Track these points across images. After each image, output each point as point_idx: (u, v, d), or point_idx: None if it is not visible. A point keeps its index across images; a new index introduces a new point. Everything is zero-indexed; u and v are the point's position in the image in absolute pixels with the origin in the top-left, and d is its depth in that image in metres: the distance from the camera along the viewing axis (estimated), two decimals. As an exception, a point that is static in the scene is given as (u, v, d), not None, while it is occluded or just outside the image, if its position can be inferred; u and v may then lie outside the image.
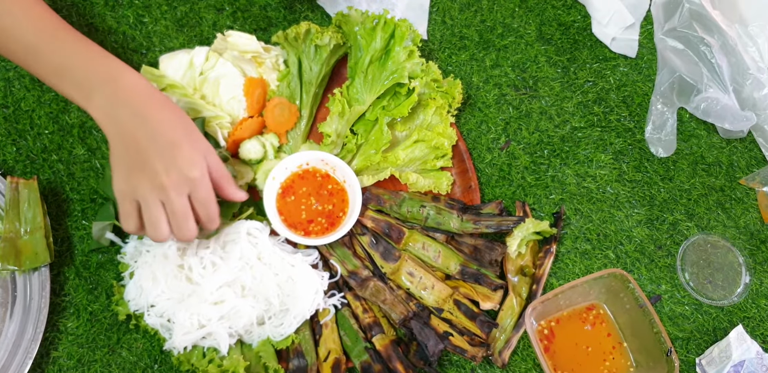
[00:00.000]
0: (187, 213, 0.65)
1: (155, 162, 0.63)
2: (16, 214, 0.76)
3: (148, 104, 0.65)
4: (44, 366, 0.76)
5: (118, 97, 0.65)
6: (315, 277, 0.77)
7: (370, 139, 0.86)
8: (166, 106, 0.66)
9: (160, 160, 0.63)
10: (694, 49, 0.92)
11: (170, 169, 0.63)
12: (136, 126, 0.64)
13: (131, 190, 0.64)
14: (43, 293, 0.75)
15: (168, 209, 0.64)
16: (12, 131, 0.84)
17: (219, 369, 0.72)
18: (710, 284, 0.89)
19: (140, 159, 0.64)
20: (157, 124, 0.64)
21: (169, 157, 0.63)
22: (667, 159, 0.93)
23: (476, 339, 0.80)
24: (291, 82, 0.86)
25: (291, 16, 0.93)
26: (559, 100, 0.94)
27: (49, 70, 0.67)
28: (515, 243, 0.82)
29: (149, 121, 0.64)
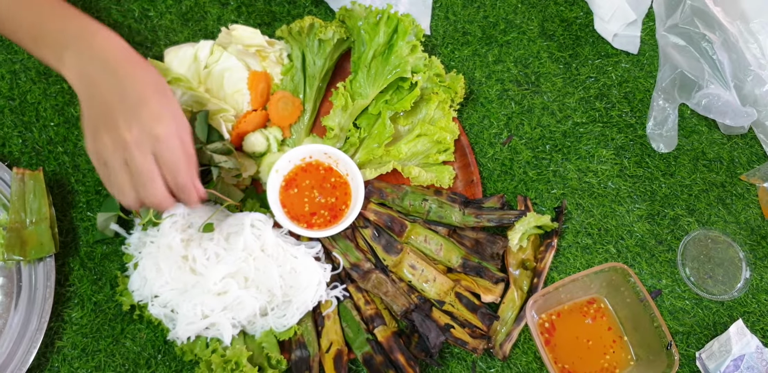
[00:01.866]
0: (150, 173, 0.61)
1: (119, 117, 0.60)
2: (22, 205, 0.77)
3: (120, 60, 0.63)
4: (49, 355, 0.77)
5: (89, 53, 0.63)
6: (317, 268, 0.78)
7: (372, 133, 0.86)
8: (138, 64, 0.64)
9: (124, 116, 0.60)
10: (695, 45, 0.92)
11: (132, 124, 0.60)
12: (104, 81, 0.62)
13: (98, 150, 0.61)
14: (48, 283, 0.75)
15: (131, 168, 0.61)
16: (18, 123, 0.84)
17: (222, 359, 0.73)
18: (711, 278, 0.89)
19: (107, 116, 0.61)
20: (126, 80, 0.61)
21: (134, 112, 0.60)
22: (668, 155, 0.94)
23: (477, 332, 0.80)
24: (295, 76, 0.87)
25: (295, 11, 0.93)
26: (561, 95, 0.95)
27: (24, 34, 0.66)
28: (517, 237, 0.83)
29: (119, 76, 0.62)
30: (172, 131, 0.61)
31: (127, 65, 0.63)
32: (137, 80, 0.62)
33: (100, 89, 0.62)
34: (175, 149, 0.61)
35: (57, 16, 0.65)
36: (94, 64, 0.62)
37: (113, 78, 0.62)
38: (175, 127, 0.62)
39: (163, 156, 0.61)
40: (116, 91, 0.61)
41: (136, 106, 0.61)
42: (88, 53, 0.63)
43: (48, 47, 0.65)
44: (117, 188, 0.62)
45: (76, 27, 0.64)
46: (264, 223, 0.78)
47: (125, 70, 0.62)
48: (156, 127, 0.60)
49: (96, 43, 0.63)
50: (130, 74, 0.62)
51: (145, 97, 0.61)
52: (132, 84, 0.61)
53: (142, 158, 0.60)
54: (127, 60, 0.63)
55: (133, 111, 0.60)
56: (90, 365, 0.77)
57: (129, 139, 0.60)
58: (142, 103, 0.61)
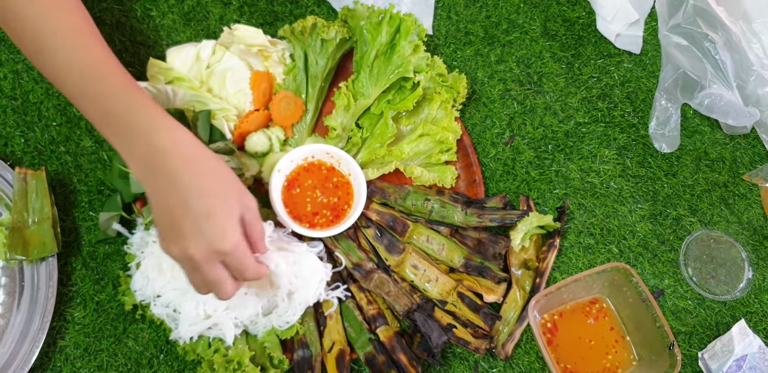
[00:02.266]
0: (219, 281, 0.62)
1: (187, 232, 0.59)
2: (24, 204, 0.77)
3: (185, 166, 0.60)
4: (51, 355, 0.77)
5: (155, 158, 0.60)
6: (319, 265, 0.78)
7: (375, 133, 0.86)
8: (205, 167, 0.61)
9: (191, 231, 0.59)
10: (698, 45, 0.92)
11: (199, 240, 0.59)
12: (171, 192, 0.59)
13: (167, 251, 0.61)
14: (51, 282, 0.75)
15: (201, 275, 0.62)
16: (20, 123, 0.84)
17: (224, 359, 0.73)
18: (713, 278, 0.89)
19: (173, 224, 0.60)
20: (191, 190, 0.59)
21: (201, 228, 0.59)
22: (670, 155, 0.94)
23: (479, 331, 0.80)
24: (297, 76, 0.87)
25: (297, 11, 0.93)
26: (564, 95, 0.95)
27: (95, 117, 0.64)
28: (519, 237, 0.83)
29: (184, 187, 0.59)
30: (238, 240, 0.61)
31: (194, 171, 0.60)
32: (203, 191, 0.60)
33: (165, 197, 0.60)
34: (240, 257, 0.62)
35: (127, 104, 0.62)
36: (159, 169, 0.60)
37: (178, 188, 0.59)
38: (240, 232, 0.61)
39: (230, 264, 0.62)
40: (181, 203, 0.59)
41: (201, 222, 0.59)
42: (154, 156, 0.60)
43: (116, 139, 0.63)
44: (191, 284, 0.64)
45: (145, 121, 0.61)
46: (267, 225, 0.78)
47: (192, 178, 0.60)
48: (222, 244, 0.59)
49: (163, 144, 0.60)
50: (195, 184, 0.60)
51: (210, 211, 0.59)
52: (198, 197, 0.59)
53: (210, 271, 0.61)
54: (194, 164, 0.61)
55: (199, 228, 0.59)
56: (92, 365, 0.77)
57: (197, 258, 0.60)
58: (207, 219, 0.59)
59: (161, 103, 0.80)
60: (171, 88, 0.80)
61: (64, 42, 0.64)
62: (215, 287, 0.63)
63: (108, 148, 0.85)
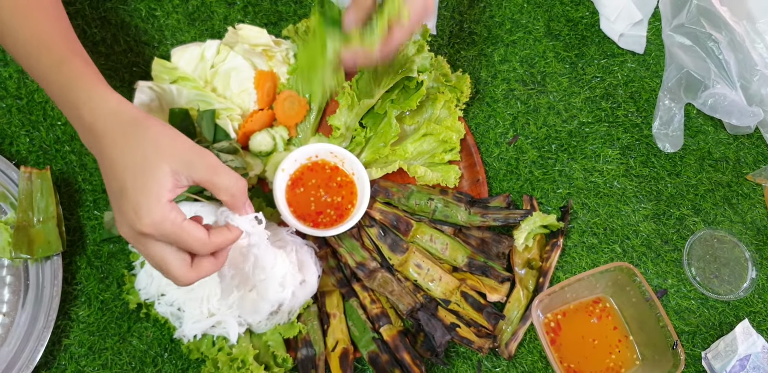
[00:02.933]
0: (159, 261, 0.57)
1: (115, 210, 0.57)
2: (29, 203, 0.77)
3: (106, 142, 0.57)
4: (56, 353, 0.77)
5: (86, 134, 0.59)
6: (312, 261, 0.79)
7: (378, 133, 0.86)
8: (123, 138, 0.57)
9: (116, 211, 0.57)
10: (701, 45, 0.92)
11: (121, 221, 0.56)
12: (102, 169, 0.59)
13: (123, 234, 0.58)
14: (55, 281, 0.76)
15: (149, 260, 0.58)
16: (25, 122, 0.85)
17: (228, 357, 0.73)
18: (716, 278, 0.89)
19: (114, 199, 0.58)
20: (109, 168, 0.57)
21: (120, 208, 0.56)
22: (674, 154, 0.94)
23: (483, 331, 0.80)
24: (301, 76, 0.87)
25: (301, 11, 0.93)
26: (567, 95, 0.95)
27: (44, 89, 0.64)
28: (522, 236, 0.83)
29: (104, 164, 0.58)
30: (157, 217, 0.55)
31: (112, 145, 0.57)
32: (119, 166, 0.57)
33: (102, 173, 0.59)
34: (173, 234, 0.56)
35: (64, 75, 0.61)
36: (90, 144, 0.60)
37: (103, 163, 0.58)
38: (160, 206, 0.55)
39: (168, 239, 0.56)
40: (106, 180, 0.58)
41: (119, 201, 0.56)
42: (83, 130, 0.59)
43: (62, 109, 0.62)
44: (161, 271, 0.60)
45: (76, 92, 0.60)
46: None
47: (110, 153, 0.57)
48: (140, 224, 0.55)
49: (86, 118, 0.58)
50: (113, 160, 0.57)
51: (123, 188, 0.56)
52: (114, 173, 0.57)
53: (146, 251, 0.57)
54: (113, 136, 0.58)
55: (119, 208, 0.56)
56: (97, 363, 0.77)
57: (128, 236, 0.57)
58: (121, 197, 0.56)
59: (166, 103, 0.81)
60: (175, 88, 0.81)
61: (11, 15, 0.64)
62: (163, 271, 0.58)
63: (112, 148, 0.85)
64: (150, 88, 0.80)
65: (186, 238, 0.56)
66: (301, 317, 0.79)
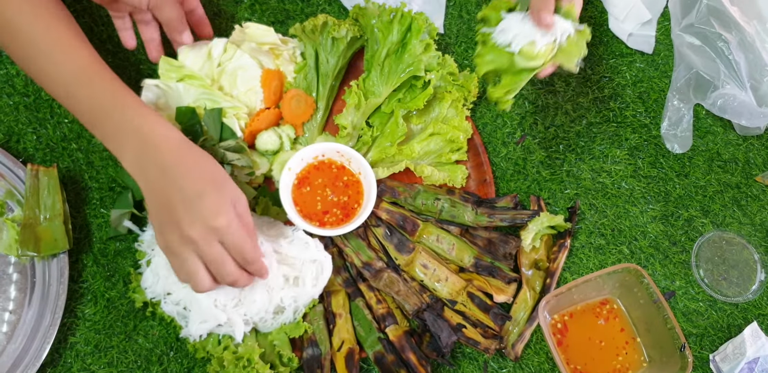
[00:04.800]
0: (221, 259, 0.65)
1: (181, 215, 0.63)
2: (36, 201, 0.77)
3: (175, 157, 0.65)
4: (62, 351, 0.77)
5: (147, 152, 0.65)
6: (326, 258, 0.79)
7: (385, 132, 0.86)
8: (194, 158, 0.66)
9: (186, 213, 0.63)
10: (711, 45, 0.91)
11: (195, 220, 0.62)
12: (163, 181, 0.64)
13: (167, 244, 0.64)
14: (62, 279, 0.76)
15: (203, 258, 0.64)
16: (33, 120, 0.85)
17: (234, 356, 0.73)
18: (725, 280, 0.88)
19: (170, 213, 0.63)
20: (182, 177, 0.64)
21: (195, 208, 0.63)
22: (682, 155, 0.93)
23: (489, 332, 0.80)
24: (308, 75, 0.87)
25: (308, 9, 0.93)
26: (575, 95, 0.94)
27: (85, 117, 0.68)
28: (529, 237, 0.83)
29: (175, 174, 0.64)
30: (232, 218, 0.64)
31: (182, 162, 0.65)
32: (194, 176, 0.64)
33: (160, 187, 0.64)
34: (237, 234, 0.64)
35: (115, 104, 0.67)
36: (151, 165, 0.65)
37: (171, 178, 0.64)
38: (234, 212, 0.64)
39: (227, 241, 0.64)
40: (175, 189, 0.63)
41: (194, 202, 0.63)
42: (143, 152, 0.65)
43: (106, 136, 0.67)
44: (191, 274, 0.65)
45: (135, 119, 0.66)
46: None
47: (180, 168, 0.64)
48: (216, 220, 0.63)
49: (154, 139, 0.65)
50: (185, 171, 0.64)
51: (202, 192, 0.63)
52: (189, 181, 0.63)
53: (210, 249, 0.64)
54: (182, 156, 0.65)
55: (193, 208, 0.63)
56: (102, 362, 0.77)
57: (195, 236, 0.63)
58: (199, 199, 0.63)
59: (173, 101, 0.81)
60: (182, 86, 0.80)
61: (53, 48, 0.68)
62: (220, 269, 0.65)
63: (119, 146, 0.85)
64: (157, 87, 0.80)
65: (247, 242, 0.65)
66: (307, 316, 0.79)
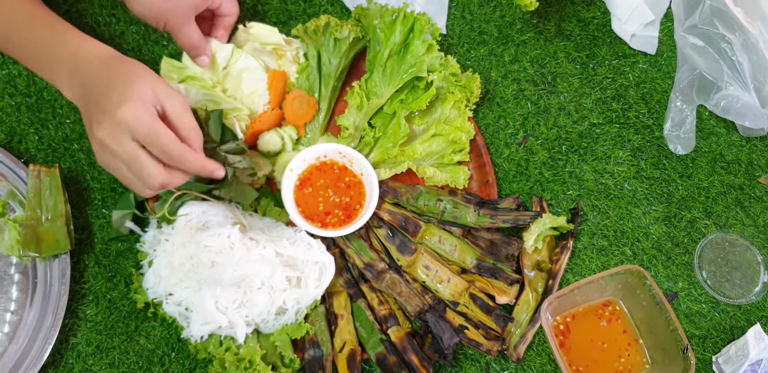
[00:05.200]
0: (134, 158, 0.59)
1: (93, 120, 0.61)
2: (38, 201, 0.77)
3: (104, 70, 0.63)
4: (63, 352, 0.77)
5: (77, 71, 0.64)
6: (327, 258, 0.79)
7: (387, 133, 0.86)
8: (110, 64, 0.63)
9: (95, 115, 0.60)
10: (714, 46, 0.91)
11: (101, 119, 0.59)
12: (85, 92, 0.63)
13: (96, 154, 0.62)
14: (63, 280, 0.76)
15: (121, 161, 0.60)
16: (34, 120, 0.85)
17: (235, 357, 0.73)
18: (728, 282, 0.88)
19: (89, 124, 0.62)
20: (94, 81, 0.62)
21: (100, 107, 0.60)
22: (685, 156, 0.93)
23: (491, 333, 0.80)
24: (310, 75, 0.87)
25: (311, 10, 0.93)
26: (578, 96, 0.94)
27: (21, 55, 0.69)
28: (532, 238, 0.82)
29: (92, 83, 0.62)
30: (138, 108, 0.58)
31: (111, 73, 0.62)
32: (107, 79, 0.61)
33: (83, 99, 0.63)
34: (145, 125, 0.58)
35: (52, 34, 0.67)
36: (80, 79, 0.63)
37: (90, 87, 0.62)
38: (142, 103, 0.59)
39: (139, 135, 0.59)
40: (91, 97, 0.62)
41: (101, 101, 0.60)
42: (76, 70, 0.64)
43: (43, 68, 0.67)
44: (127, 182, 0.62)
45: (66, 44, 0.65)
46: None
47: (97, 76, 0.62)
48: (117, 112, 0.58)
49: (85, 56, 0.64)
50: (99, 77, 0.62)
51: (108, 90, 0.60)
52: (99, 83, 0.61)
53: (120, 148, 0.59)
54: (113, 67, 0.63)
55: (99, 106, 0.60)
56: (104, 362, 0.77)
57: (102, 137, 0.59)
58: (105, 96, 0.60)
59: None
60: (184, 87, 0.80)
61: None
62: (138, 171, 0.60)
63: (121, 146, 0.85)
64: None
65: (161, 131, 0.59)
66: (309, 317, 0.79)
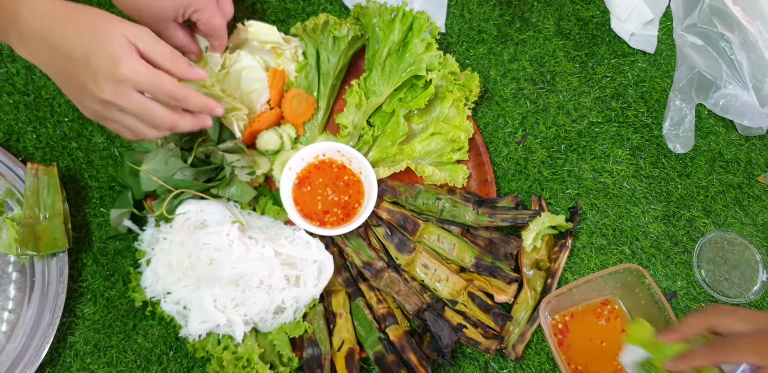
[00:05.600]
0: (145, 109, 0.63)
1: (84, 81, 0.61)
2: (36, 200, 0.77)
3: (47, 24, 0.62)
4: (61, 351, 0.77)
5: (25, 30, 0.62)
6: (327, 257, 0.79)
7: (386, 132, 0.86)
8: (64, 17, 0.62)
9: (88, 78, 0.61)
10: (713, 45, 0.91)
11: (99, 81, 0.61)
12: (50, 53, 0.62)
13: (93, 114, 0.64)
14: (61, 278, 0.76)
15: (131, 113, 0.63)
16: (33, 119, 0.84)
17: (233, 356, 0.72)
18: (726, 281, 0.88)
19: (76, 84, 0.62)
20: (63, 42, 0.61)
21: (91, 70, 0.61)
22: (684, 155, 0.93)
23: (490, 332, 0.80)
24: (309, 74, 0.87)
25: (309, 8, 0.93)
26: (577, 95, 0.94)
27: None
28: (531, 237, 0.82)
29: (56, 42, 0.61)
30: (134, 62, 0.61)
31: (56, 26, 0.62)
32: (72, 37, 0.61)
33: (52, 61, 0.62)
34: (148, 76, 0.62)
35: None
36: (31, 39, 0.62)
37: (53, 46, 0.61)
38: (134, 54, 0.61)
39: (144, 87, 0.62)
40: (64, 59, 0.61)
41: (88, 64, 0.60)
42: (24, 29, 0.62)
43: None
44: (133, 130, 0.64)
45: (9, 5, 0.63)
46: None
47: (57, 32, 0.61)
48: (117, 72, 0.60)
49: (25, 16, 0.62)
50: (63, 36, 0.61)
51: (88, 51, 0.60)
52: (70, 45, 0.61)
53: (129, 103, 0.62)
54: (55, 19, 0.62)
55: (89, 69, 0.61)
56: (102, 361, 0.77)
57: (108, 97, 0.61)
58: (91, 59, 0.60)
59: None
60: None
61: None
62: (152, 118, 0.63)
63: (119, 145, 0.85)
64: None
65: (163, 78, 0.62)
66: (307, 316, 0.79)
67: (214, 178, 0.80)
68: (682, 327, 0.64)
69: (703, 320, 0.63)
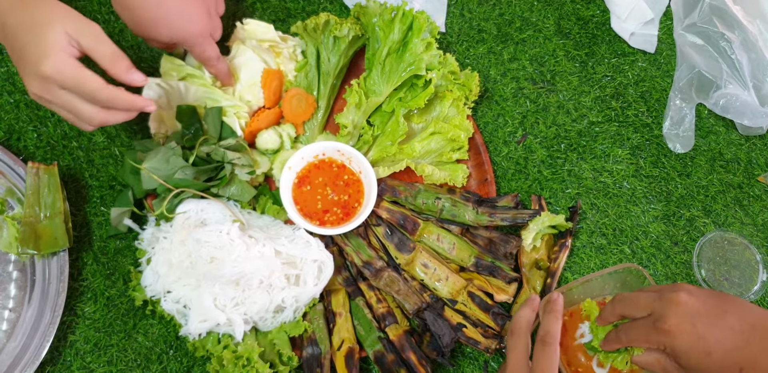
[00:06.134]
0: (70, 105, 0.63)
1: (21, 73, 0.63)
2: (36, 199, 0.77)
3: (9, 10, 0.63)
4: (61, 349, 0.77)
5: None
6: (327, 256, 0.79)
7: (386, 131, 0.86)
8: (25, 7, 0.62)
9: (21, 68, 0.62)
10: (713, 44, 0.91)
11: (28, 75, 0.62)
12: (4, 36, 0.63)
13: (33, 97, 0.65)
14: (62, 277, 0.76)
15: (57, 107, 0.64)
16: (33, 118, 0.85)
17: (233, 355, 0.72)
18: (726, 281, 0.88)
19: (18, 67, 0.64)
20: (14, 31, 0.62)
21: (24, 62, 0.62)
22: (684, 155, 0.93)
23: (490, 331, 0.80)
24: (309, 73, 0.87)
25: (310, 7, 0.93)
26: (577, 94, 0.94)
27: None
28: (530, 236, 0.82)
29: (9, 27, 0.62)
30: (57, 62, 0.61)
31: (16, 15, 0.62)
32: (20, 30, 0.62)
33: (7, 44, 0.64)
34: (68, 76, 0.61)
35: None
36: None
37: (7, 32, 0.62)
38: (59, 54, 0.61)
39: (67, 86, 0.62)
40: (11, 45, 0.63)
41: (22, 56, 0.62)
42: None
43: None
44: (69, 121, 0.66)
45: None
46: None
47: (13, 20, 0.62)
48: (40, 68, 0.60)
49: None
50: (17, 25, 0.62)
51: (25, 44, 0.61)
52: (16, 35, 0.62)
53: (54, 98, 0.63)
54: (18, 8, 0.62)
55: (23, 62, 0.62)
56: (102, 360, 0.77)
57: (35, 91, 0.63)
58: (26, 48, 0.61)
59: (174, 100, 0.81)
60: (183, 85, 0.80)
61: None
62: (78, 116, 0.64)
63: (120, 144, 0.85)
64: (158, 85, 0.79)
65: (86, 79, 0.62)
66: (307, 315, 0.79)
67: (215, 177, 0.80)
68: (602, 315, 0.69)
69: (610, 309, 0.67)
